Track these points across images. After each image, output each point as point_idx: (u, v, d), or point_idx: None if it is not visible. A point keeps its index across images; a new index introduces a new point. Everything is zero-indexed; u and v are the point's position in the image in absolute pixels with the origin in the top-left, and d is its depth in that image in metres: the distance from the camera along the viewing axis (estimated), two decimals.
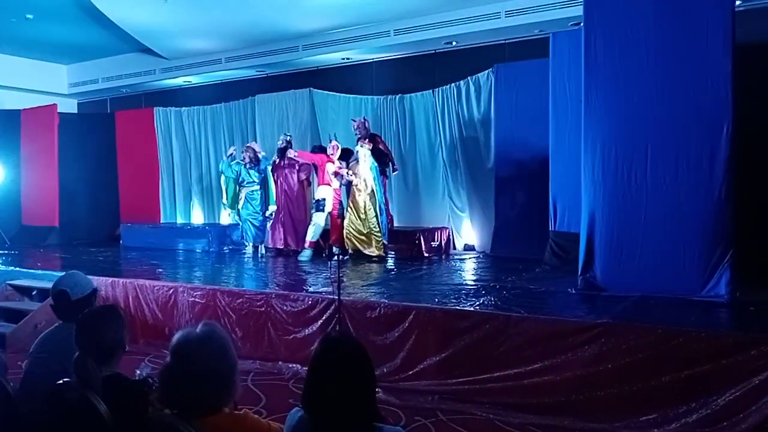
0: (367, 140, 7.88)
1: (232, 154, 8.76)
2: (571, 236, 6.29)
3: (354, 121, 8.30)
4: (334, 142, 8.20)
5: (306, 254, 8.00)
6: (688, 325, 3.98)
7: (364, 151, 7.73)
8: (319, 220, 8.13)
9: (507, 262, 7.36)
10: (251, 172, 8.55)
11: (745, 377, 3.59)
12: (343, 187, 8.05)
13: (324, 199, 8.08)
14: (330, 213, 8.18)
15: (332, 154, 8.10)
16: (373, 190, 7.69)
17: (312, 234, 8.13)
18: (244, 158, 8.58)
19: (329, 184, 8.14)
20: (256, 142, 9.42)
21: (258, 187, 8.63)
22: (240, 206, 8.66)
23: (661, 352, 3.82)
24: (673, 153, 4.92)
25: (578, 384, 4.02)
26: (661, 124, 4.97)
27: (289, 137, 8.74)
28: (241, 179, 8.61)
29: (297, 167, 8.49)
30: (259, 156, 8.56)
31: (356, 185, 7.69)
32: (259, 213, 8.63)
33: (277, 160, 8.58)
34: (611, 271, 5.19)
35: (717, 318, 4.43)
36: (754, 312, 4.54)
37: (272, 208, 8.60)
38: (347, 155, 8.08)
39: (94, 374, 2.24)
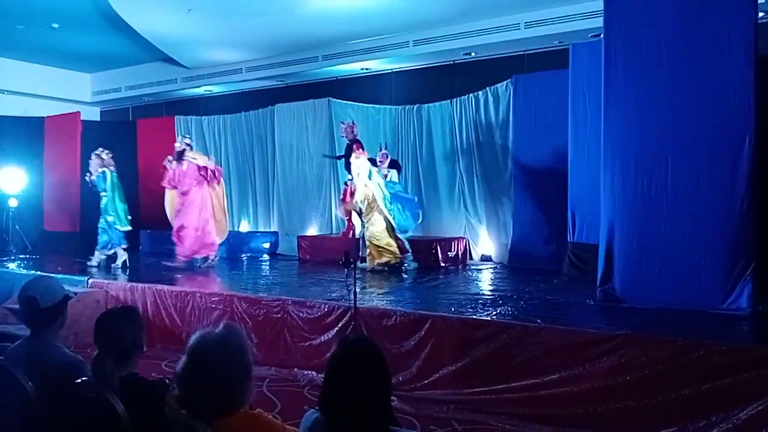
0: (363, 150, 7.73)
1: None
2: (590, 247, 6.24)
3: (343, 123, 8.23)
4: (384, 151, 8.28)
5: (365, 265, 7.79)
6: (708, 337, 3.91)
7: (358, 163, 7.49)
8: None
9: (524, 273, 7.31)
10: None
11: (767, 391, 3.52)
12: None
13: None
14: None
15: (381, 162, 8.10)
16: (374, 199, 7.41)
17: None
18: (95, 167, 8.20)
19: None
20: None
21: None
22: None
23: (681, 365, 3.76)
24: (694, 164, 4.86)
25: (596, 396, 3.97)
26: (682, 135, 4.92)
27: (188, 139, 8.45)
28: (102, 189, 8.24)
29: (197, 170, 8.20)
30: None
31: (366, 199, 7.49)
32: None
33: (174, 163, 8.27)
34: (630, 283, 5.13)
35: (738, 331, 4.36)
36: None
37: (110, 218, 8.15)
38: (395, 165, 8.15)
39: (111, 374, 2.26)
